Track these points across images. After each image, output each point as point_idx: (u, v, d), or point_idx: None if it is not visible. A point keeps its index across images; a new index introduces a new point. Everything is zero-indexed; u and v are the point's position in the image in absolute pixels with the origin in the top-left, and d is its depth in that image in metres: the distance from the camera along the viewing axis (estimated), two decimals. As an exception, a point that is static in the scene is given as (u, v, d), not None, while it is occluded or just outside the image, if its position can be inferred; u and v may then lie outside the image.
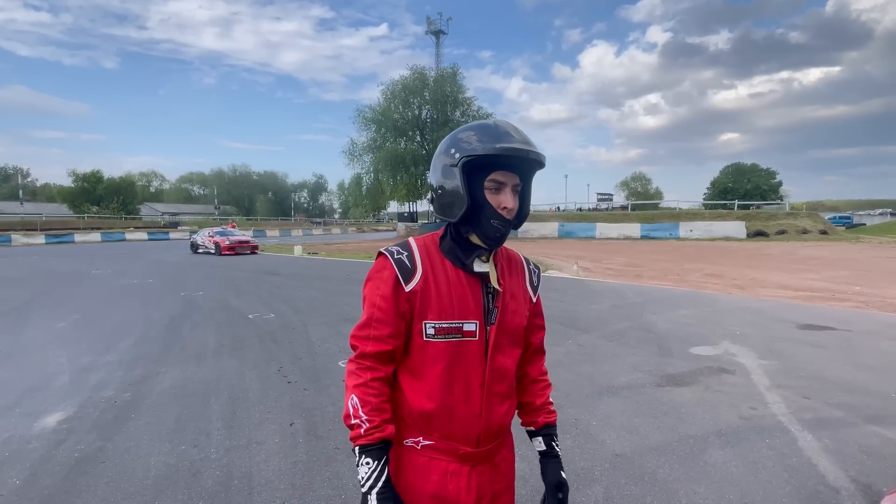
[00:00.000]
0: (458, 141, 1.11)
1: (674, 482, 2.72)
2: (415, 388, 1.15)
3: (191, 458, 3.04)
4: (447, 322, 1.12)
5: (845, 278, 11.38)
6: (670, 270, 13.55)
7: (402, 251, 1.16)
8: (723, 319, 6.94)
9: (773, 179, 63.12)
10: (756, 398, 3.93)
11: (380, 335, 1.12)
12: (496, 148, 1.05)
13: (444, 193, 1.13)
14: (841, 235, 30.56)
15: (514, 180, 1.12)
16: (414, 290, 1.12)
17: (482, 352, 1.15)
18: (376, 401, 1.10)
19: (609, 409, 3.77)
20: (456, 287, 1.14)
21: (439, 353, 1.13)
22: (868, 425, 3.40)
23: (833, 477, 2.74)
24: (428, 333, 1.13)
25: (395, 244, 1.18)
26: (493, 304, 1.17)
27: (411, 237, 1.21)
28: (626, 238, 31.39)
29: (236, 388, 4.34)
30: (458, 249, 1.16)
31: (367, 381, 1.12)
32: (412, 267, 1.13)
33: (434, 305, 1.12)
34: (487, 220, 1.11)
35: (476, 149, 1.07)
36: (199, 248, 23.47)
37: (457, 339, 1.13)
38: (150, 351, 5.61)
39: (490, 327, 1.16)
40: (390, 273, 1.13)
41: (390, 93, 39.84)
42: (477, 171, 1.10)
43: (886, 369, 4.65)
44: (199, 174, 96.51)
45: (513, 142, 1.06)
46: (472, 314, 1.14)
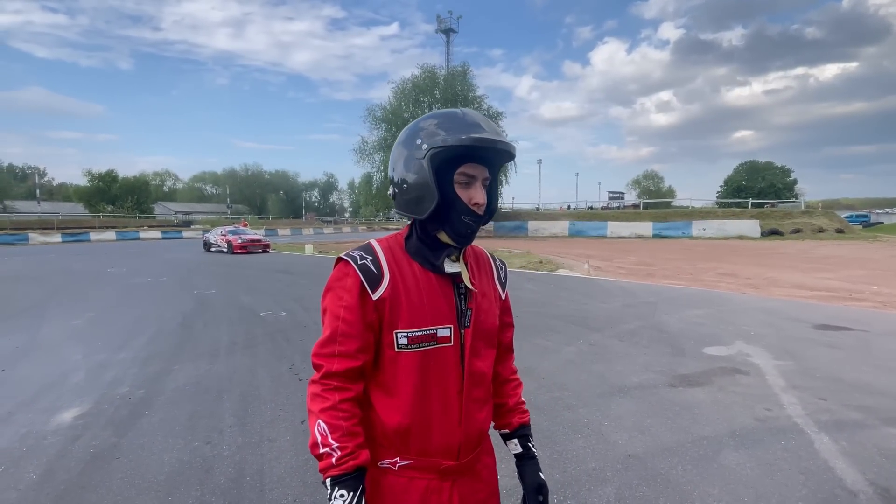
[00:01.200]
0: (425, 131, 1.03)
1: (687, 484, 2.69)
2: (388, 404, 1.06)
3: (203, 455, 3.07)
4: (420, 329, 1.04)
5: (862, 278, 11.18)
6: (683, 269, 13.41)
7: (365, 255, 1.06)
8: (736, 319, 6.85)
9: (787, 177, 62.27)
10: (771, 399, 3.88)
11: (347, 350, 1.02)
12: (469, 139, 0.98)
13: (410, 188, 1.04)
14: (858, 234, 30.03)
15: (484, 173, 1.05)
16: (382, 298, 1.03)
17: (458, 357, 1.08)
18: (347, 424, 1.00)
19: (621, 409, 3.74)
20: (427, 290, 1.06)
21: (413, 364, 1.05)
22: (887, 428, 3.34)
23: (851, 480, 2.69)
24: (400, 343, 1.04)
25: (357, 248, 1.09)
26: (466, 306, 1.10)
27: (373, 239, 1.12)
28: (638, 237, 31.15)
29: (248, 385, 4.37)
30: (425, 249, 1.09)
31: (336, 403, 1.01)
32: (378, 272, 1.04)
33: (405, 313, 1.03)
34: (458, 216, 1.03)
35: (446, 139, 0.99)
36: (211, 246, 23.69)
37: (431, 346, 1.05)
38: (163, 348, 5.67)
39: (465, 330, 1.09)
40: (354, 281, 1.03)
41: (400, 92, 39.85)
42: (445, 164, 1.02)
43: (905, 371, 4.56)
44: (212, 174, 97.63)
45: (483, 132, 0.99)
46: (445, 318, 1.06)
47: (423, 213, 1.03)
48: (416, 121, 1.08)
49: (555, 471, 2.83)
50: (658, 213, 35.87)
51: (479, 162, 1.04)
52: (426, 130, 1.03)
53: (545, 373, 4.58)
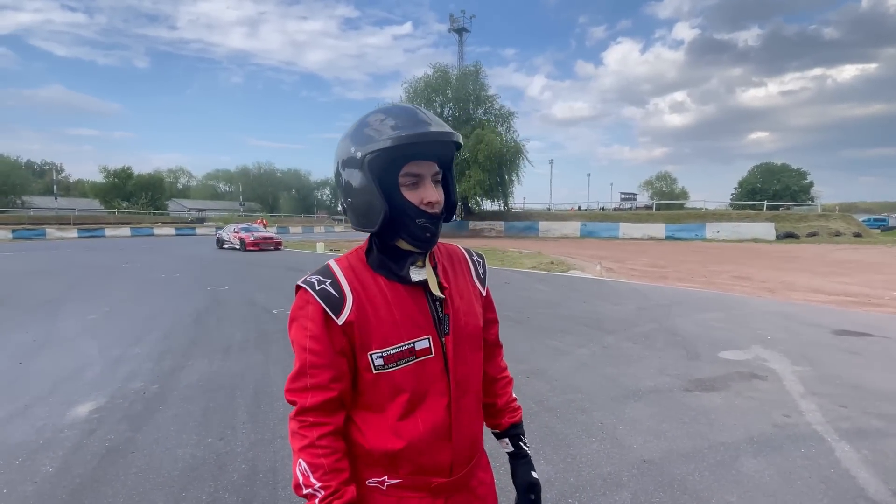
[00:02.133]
0: (358, 133, 0.96)
1: (704, 490, 2.65)
2: (374, 425, 1.01)
3: (217, 451, 3.08)
4: (395, 347, 0.98)
5: (882, 283, 10.97)
6: (696, 272, 13.26)
7: (323, 279, 0.99)
8: (752, 323, 6.75)
9: (803, 180, 61.38)
10: (790, 405, 3.80)
11: (319, 383, 0.96)
12: (403, 137, 0.90)
13: (356, 200, 0.97)
14: (876, 238, 29.50)
15: (431, 169, 0.97)
16: (349, 321, 0.96)
17: (442, 367, 1.02)
18: (328, 462, 0.94)
19: (636, 413, 3.69)
20: (397, 304, 1.00)
21: (395, 384, 0.99)
22: (910, 437, 3.26)
23: (873, 490, 2.63)
24: (377, 365, 0.98)
25: (314, 272, 1.01)
26: (443, 312, 1.04)
27: (332, 259, 1.05)
28: (651, 238, 30.88)
29: (261, 382, 4.38)
30: (388, 261, 1.02)
31: (314, 440, 0.95)
32: (340, 295, 0.97)
33: (376, 332, 0.97)
34: (412, 220, 0.96)
35: (381, 142, 0.91)
36: (224, 243, 23.91)
37: (411, 361, 0.99)
38: (177, 344, 5.72)
39: (445, 338, 1.03)
40: (316, 308, 0.96)
41: (413, 91, 39.88)
42: (387, 167, 0.94)
43: (929, 379, 4.45)
44: (225, 171, 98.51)
45: (419, 126, 0.92)
46: (421, 329, 1.00)
47: (375, 225, 0.96)
48: (354, 123, 1.01)
49: (569, 475, 2.80)
50: (671, 215, 35.51)
51: (424, 158, 0.96)
52: (360, 134, 0.96)
53: (558, 375, 4.54)
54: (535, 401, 3.86)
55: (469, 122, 39.59)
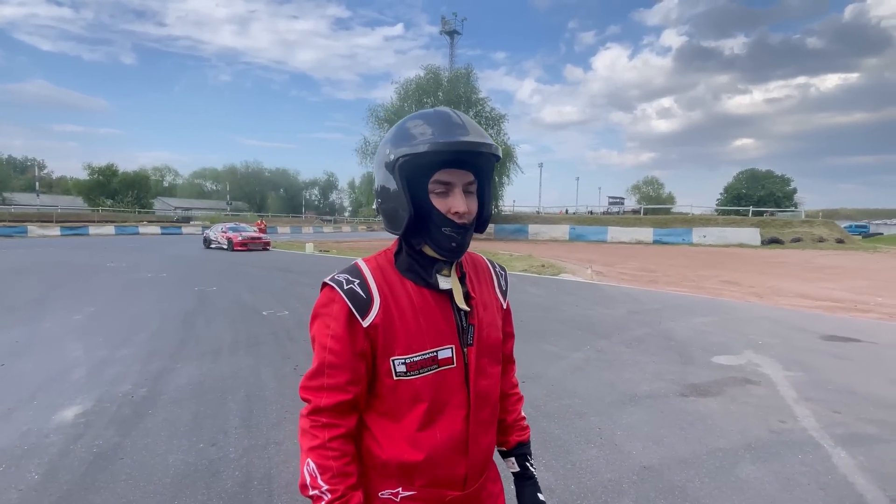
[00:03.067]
0: (396, 136, 0.95)
1: (705, 497, 2.63)
2: (391, 434, 0.98)
3: (209, 457, 3.00)
4: (419, 354, 0.95)
5: (866, 288, 11.15)
6: (686, 276, 13.38)
7: (352, 279, 0.96)
8: (743, 328, 6.80)
9: (787, 186, 62.42)
10: (785, 411, 3.82)
11: (336, 383, 0.94)
12: (438, 144, 0.88)
13: (386, 200, 0.97)
14: (858, 244, 30.05)
15: (464, 179, 0.95)
16: (374, 324, 0.94)
17: (463, 379, 1.00)
18: (337, 465, 0.92)
19: (633, 418, 3.68)
20: (423, 311, 0.97)
21: (416, 392, 0.96)
22: (904, 443, 3.28)
23: (872, 497, 2.64)
24: (398, 372, 0.95)
25: (342, 271, 0.99)
26: (467, 322, 1.02)
27: (360, 259, 1.03)
28: (639, 242, 31.13)
29: (253, 385, 4.30)
30: (416, 265, 0.99)
31: (325, 441, 0.93)
32: (367, 296, 0.95)
33: (401, 338, 0.95)
34: (437, 228, 0.94)
35: (415, 146, 0.90)
36: (211, 243, 23.64)
37: (433, 370, 0.97)
38: (165, 346, 5.60)
39: (468, 349, 1.01)
40: (341, 307, 0.94)
41: (404, 92, 39.86)
42: (419, 172, 0.93)
43: (918, 384, 4.51)
44: (212, 170, 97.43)
45: (459, 135, 0.90)
46: (445, 339, 0.98)
47: (400, 227, 0.96)
48: (396, 124, 1.00)
49: (570, 482, 2.77)
50: (658, 219, 35.87)
51: (458, 166, 0.94)
52: (398, 136, 0.94)
53: (554, 379, 4.52)
54: (532, 405, 3.83)
55: (460, 124, 39.62)
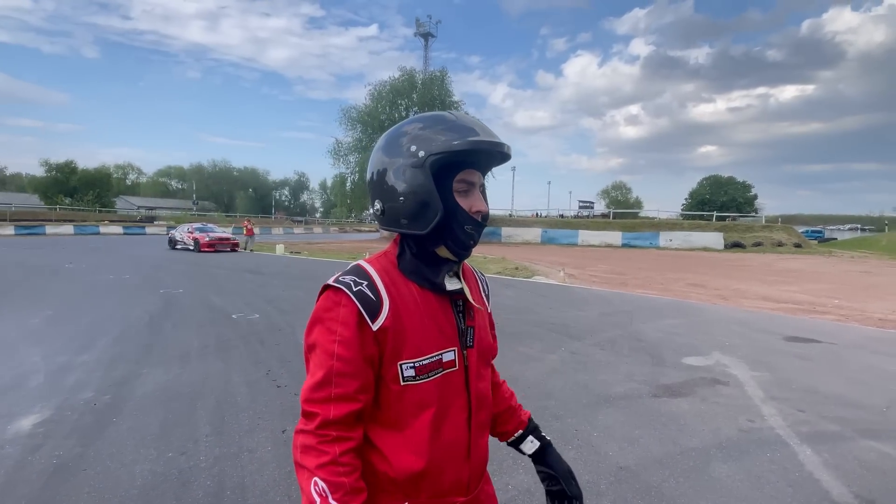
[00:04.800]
0: (417, 136, 0.94)
1: (680, 497, 2.68)
2: (396, 445, 0.95)
3: (179, 467, 2.89)
4: (427, 357, 0.94)
5: (824, 291, 11.64)
6: (654, 279, 13.69)
7: (360, 280, 0.94)
8: (710, 329, 7.00)
9: (748, 192, 64.71)
10: (753, 410, 3.94)
11: (345, 393, 0.89)
12: (473, 142, 0.90)
13: (407, 200, 0.94)
14: (814, 249, 31.39)
15: (481, 179, 0.99)
16: (384, 328, 0.91)
17: (463, 381, 1.00)
18: (349, 480, 0.87)
19: (608, 419, 3.72)
20: (427, 313, 0.97)
21: (424, 397, 0.95)
22: (864, 440, 3.42)
23: (837, 493, 2.74)
24: (406, 376, 0.93)
25: (346, 273, 0.97)
26: (466, 324, 1.02)
27: (362, 261, 1.01)
28: (608, 245, 31.72)
29: (223, 391, 4.17)
30: (423, 267, 0.99)
31: (336, 457, 0.87)
32: (377, 299, 0.92)
33: (410, 341, 0.93)
34: (461, 227, 0.95)
35: (448, 145, 0.90)
36: (177, 243, 22.96)
37: (439, 373, 0.96)
38: (130, 351, 5.39)
39: (468, 351, 1.01)
40: (350, 310, 0.91)
41: (377, 93, 39.64)
42: (443, 172, 0.94)
43: (875, 383, 4.72)
44: (178, 168, 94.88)
45: (485, 135, 0.93)
46: (449, 341, 0.98)
47: (426, 227, 0.93)
48: (399, 125, 0.99)
49: (549, 484, 2.78)
50: (627, 223, 36.64)
51: (477, 167, 0.98)
52: (419, 135, 0.94)
53: (530, 381, 4.54)
54: (509, 408, 3.83)
55: (434, 126, 39.66)
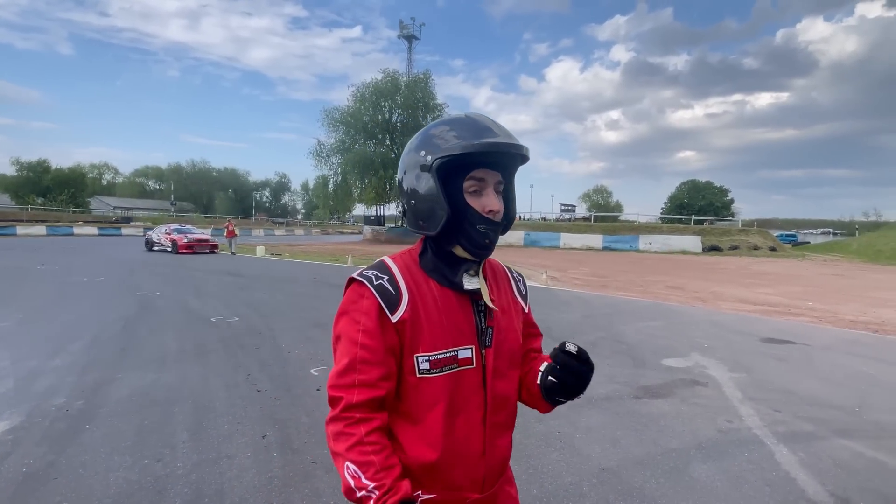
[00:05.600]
0: (430, 139, 0.98)
1: (661, 497, 2.71)
2: (412, 435, 1.00)
3: (155, 474, 2.82)
4: (442, 352, 0.98)
5: (798, 293, 11.93)
6: (634, 282, 13.86)
7: (381, 275, 0.99)
8: (689, 331, 7.10)
9: (725, 197, 66.09)
10: (731, 411, 4.00)
11: (368, 379, 0.94)
12: (475, 145, 0.92)
13: (419, 202, 0.99)
14: (789, 252, 32.16)
15: (496, 177, 1.00)
16: (402, 320, 0.96)
17: (480, 380, 1.02)
18: (379, 458, 0.91)
19: (591, 421, 3.75)
20: (445, 310, 1.00)
21: (437, 390, 0.98)
22: (838, 439, 3.50)
23: (812, 491, 2.79)
24: (422, 369, 0.97)
25: (370, 267, 1.02)
26: (486, 324, 1.04)
27: (387, 256, 1.06)
28: (589, 248, 32.04)
29: (201, 396, 4.09)
30: (442, 265, 1.02)
31: (363, 437, 0.92)
32: (396, 293, 0.98)
33: (426, 334, 0.97)
34: (473, 226, 0.98)
35: (452, 147, 0.94)
36: (154, 245, 22.48)
37: (454, 369, 0.99)
38: (104, 355, 5.24)
39: (486, 350, 1.03)
40: (371, 303, 0.96)
41: (360, 95, 39.42)
42: (454, 173, 0.97)
43: (847, 383, 4.84)
44: (156, 168, 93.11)
45: (492, 136, 0.95)
46: (466, 339, 1.01)
47: (435, 229, 0.98)
48: (424, 129, 1.03)
49: (532, 486, 2.78)
50: (607, 227, 37.06)
51: (490, 167, 0.98)
52: (433, 139, 0.98)
53: (513, 384, 4.55)
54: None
55: (418, 128, 38.69)
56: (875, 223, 54.50)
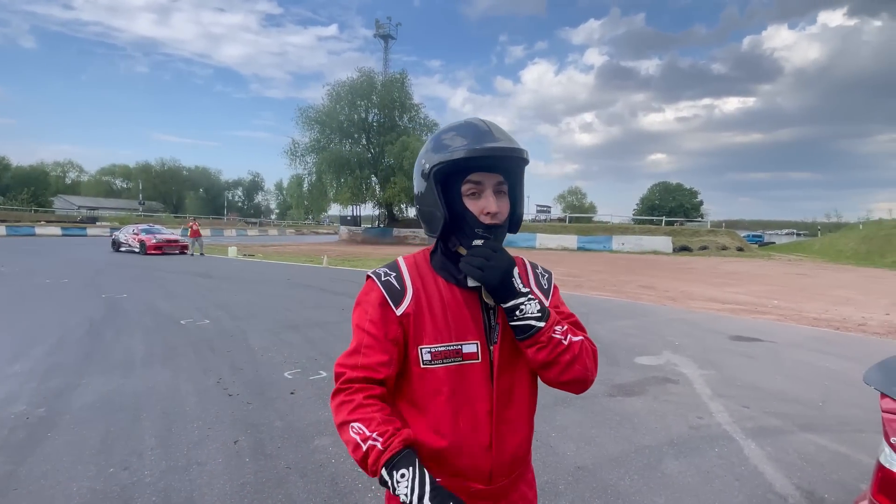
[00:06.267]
0: (430, 147, 1.04)
1: (635, 494, 2.75)
2: (419, 421, 1.05)
3: (121, 482, 2.72)
4: (444, 345, 1.02)
5: (764, 292, 12.30)
6: (608, 281, 14.08)
7: (389, 272, 1.07)
8: (661, 330, 7.25)
9: (695, 198, 67.67)
10: (701, 408, 4.09)
11: (369, 363, 1.00)
12: (463, 151, 0.97)
13: (423, 207, 1.07)
14: (755, 252, 33.16)
15: (494, 180, 1.02)
16: (406, 313, 1.03)
17: (487, 375, 1.04)
18: (381, 415, 0.95)
19: (566, 419, 3.78)
20: (451, 306, 1.04)
21: (440, 381, 1.03)
22: (803, 433, 3.62)
23: (780, 485, 2.87)
24: (424, 360, 1.02)
25: (384, 265, 1.10)
26: (494, 321, 1.06)
27: (401, 256, 1.12)
28: (564, 249, 32.43)
29: (170, 401, 3.98)
30: (448, 264, 1.08)
31: (362, 400, 0.96)
32: (401, 288, 1.05)
33: (429, 328, 1.03)
34: (471, 229, 1.02)
35: (443, 156, 0.99)
36: (121, 246, 21.80)
37: (457, 362, 1.03)
38: (67, 360, 5.05)
39: (493, 347, 1.05)
40: (377, 296, 1.04)
41: (336, 94, 39.00)
42: (453, 177, 1.01)
43: (811, 379, 5.01)
44: (123, 167, 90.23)
45: (485, 141, 0.98)
46: (471, 334, 1.04)
47: (436, 230, 1.04)
48: (431, 136, 1.09)
49: (509, 486, 2.78)
50: (582, 227, 37.59)
51: (488, 170, 1.01)
52: (431, 147, 1.04)
53: (489, 384, 4.56)
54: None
55: (394, 128, 39.46)
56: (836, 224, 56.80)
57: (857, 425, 3.80)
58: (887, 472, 1.49)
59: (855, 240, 31.58)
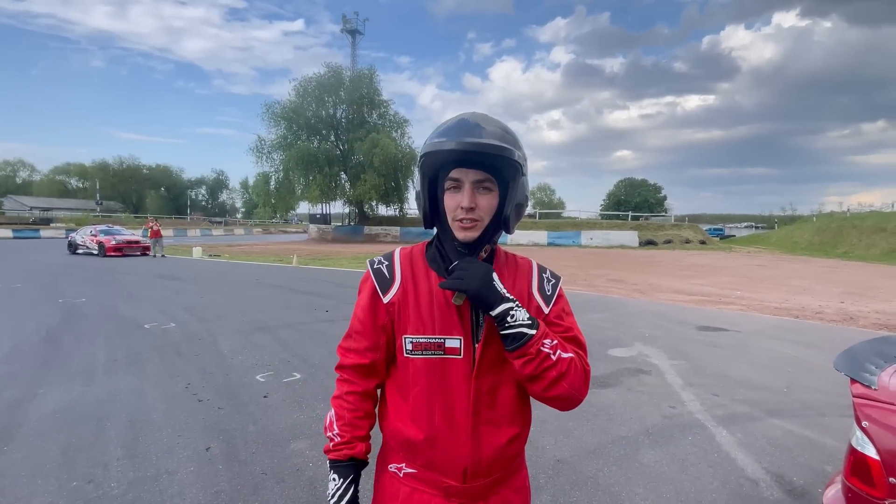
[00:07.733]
0: (426, 140, 1.03)
1: (614, 485, 2.78)
2: (400, 408, 1.07)
3: (85, 496, 2.59)
4: (426, 337, 1.02)
5: (727, 283, 12.72)
6: (578, 276, 14.30)
7: (383, 261, 1.11)
8: (632, 322, 7.40)
9: (659, 193, 69.62)
10: (674, 397, 4.19)
11: (358, 347, 1.08)
12: (439, 145, 0.95)
13: (417, 199, 1.09)
14: (717, 245, 34.29)
15: (473, 176, 0.97)
16: (392, 302, 1.05)
17: (468, 372, 1.02)
18: (350, 416, 1.08)
19: (543, 412, 3.77)
20: (438, 299, 1.03)
21: (420, 372, 1.03)
22: (770, 419, 3.74)
23: (751, 470, 2.96)
24: (407, 349, 1.04)
25: (382, 254, 1.13)
26: (482, 320, 1.03)
27: (398, 247, 1.14)
28: (535, 244, 32.79)
29: (136, 409, 3.82)
30: (439, 257, 1.07)
31: (343, 394, 1.10)
32: (390, 277, 1.07)
33: (413, 318, 1.03)
34: (451, 222, 1.02)
35: (427, 148, 0.99)
36: (78, 247, 20.91)
37: (438, 356, 1.02)
38: (23, 369, 4.79)
39: (477, 345, 1.03)
40: (369, 283, 1.09)
41: (303, 89, 38.26)
42: (438, 172, 1.02)
43: (775, 366, 5.20)
44: (78, 165, 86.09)
45: (466, 136, 0.93)
46: (456, 329, 1.02)
47: (424, 223, 1.07)
48: None
49: (490, 483, 2.78)
50: (551, 223, 38.12)
51: (470, 166, 0.98)
52: (427, 138, 1.03)
53: (466, 380, 4.55)
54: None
55: (363, 125, 38.99)
56: (791, 217, 59.19)
57: (820, 409, 3.96)
58: (859, 455, 1.54)
59: (809, 232, 33.03)
